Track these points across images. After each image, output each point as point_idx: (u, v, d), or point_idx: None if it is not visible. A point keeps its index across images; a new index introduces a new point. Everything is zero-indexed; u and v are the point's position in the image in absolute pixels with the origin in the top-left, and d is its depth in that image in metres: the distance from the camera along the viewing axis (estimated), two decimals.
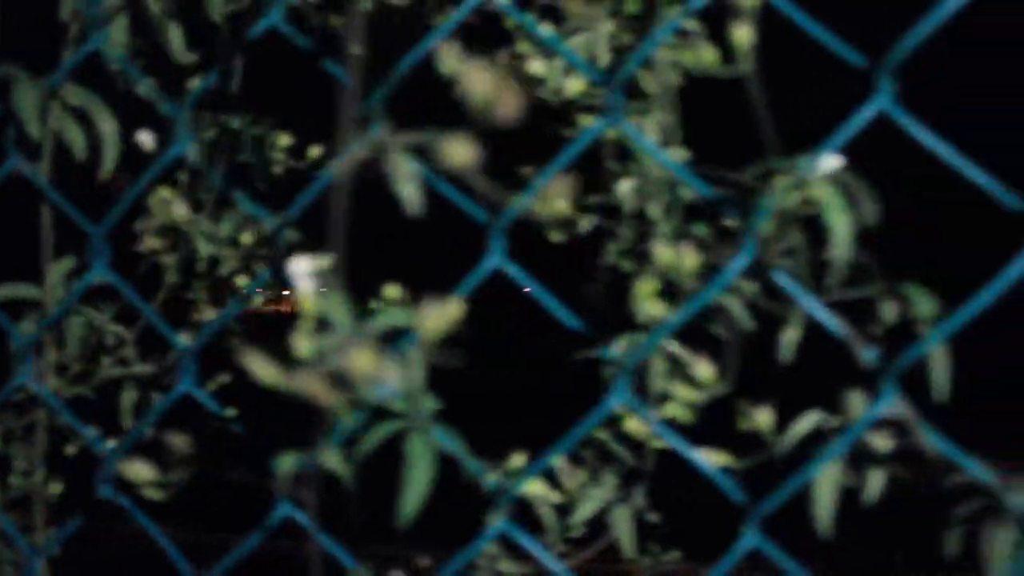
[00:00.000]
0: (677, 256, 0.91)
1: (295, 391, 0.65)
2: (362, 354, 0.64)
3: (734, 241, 1.00)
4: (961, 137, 1.00)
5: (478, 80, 0.60)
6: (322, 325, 0.88)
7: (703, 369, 0.94)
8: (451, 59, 1.00)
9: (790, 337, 1.06)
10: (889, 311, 0.98)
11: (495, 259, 0.98)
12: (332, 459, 0.92)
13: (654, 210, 1.10)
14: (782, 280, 0.91)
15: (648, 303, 0.92)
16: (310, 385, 0.64)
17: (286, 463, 0.93)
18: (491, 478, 1.01)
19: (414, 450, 0.97)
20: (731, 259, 0.91)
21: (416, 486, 0.96)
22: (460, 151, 0.63)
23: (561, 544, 1.17)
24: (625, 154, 1.15)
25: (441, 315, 0.67)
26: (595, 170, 1.16)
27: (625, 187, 1.11)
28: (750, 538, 0.94)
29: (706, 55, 0.90)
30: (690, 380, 0.95)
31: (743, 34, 0.86)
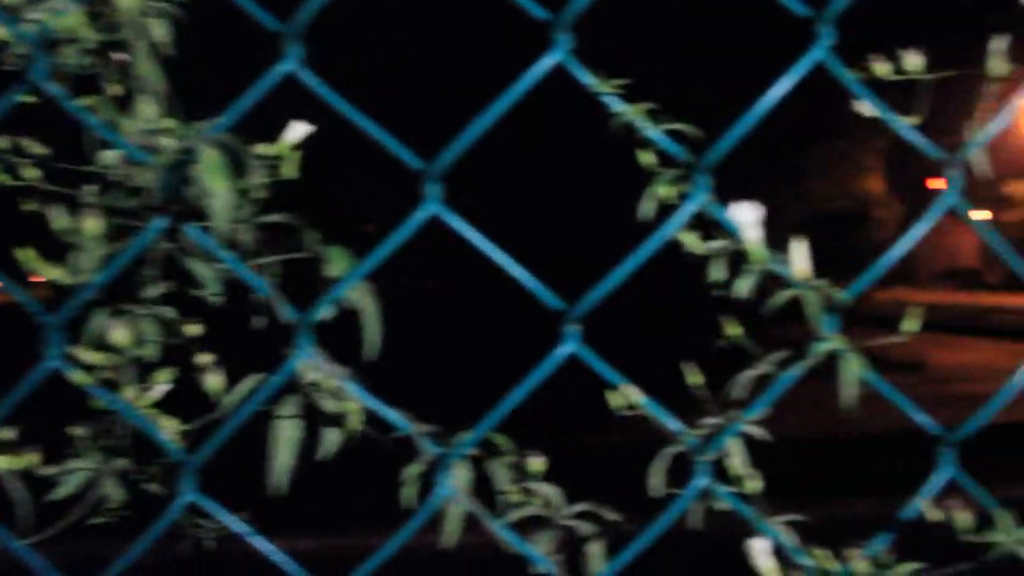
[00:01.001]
0: (73, 222, 0.93)
1: None
2: None
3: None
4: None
5: None
6: None
7: (119, 334, 0.95)
8: None
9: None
10: (331, 269, 1.02)
11: None
12: None
13: (143, 177, 1.11)
14: (195, 236, 0.93)
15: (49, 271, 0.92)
16: None
17: None
18: None
19: None
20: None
21: None
22: None
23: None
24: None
25: None
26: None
27: (111, 156, 1.12)
28: (187, 494, 0.96)
29: (72, 20, 0.91)
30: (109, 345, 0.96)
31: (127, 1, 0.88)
